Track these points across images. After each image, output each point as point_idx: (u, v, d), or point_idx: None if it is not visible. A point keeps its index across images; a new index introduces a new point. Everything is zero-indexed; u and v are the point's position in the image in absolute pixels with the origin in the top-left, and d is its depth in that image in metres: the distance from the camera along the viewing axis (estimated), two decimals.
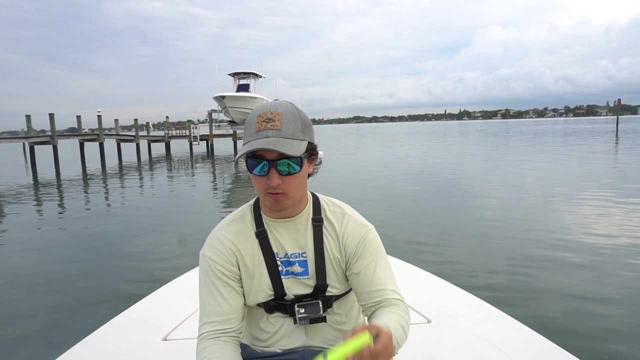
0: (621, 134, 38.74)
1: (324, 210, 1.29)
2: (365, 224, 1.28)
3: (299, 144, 1.10)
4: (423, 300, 2.25)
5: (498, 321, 2.06)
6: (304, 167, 1.15)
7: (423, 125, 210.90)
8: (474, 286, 4.45)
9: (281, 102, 1.16)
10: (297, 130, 1.12)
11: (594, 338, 3.54)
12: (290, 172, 1.12)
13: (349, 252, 1.25)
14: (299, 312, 1.23)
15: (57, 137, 24.26)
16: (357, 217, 1.30)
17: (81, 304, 4.66)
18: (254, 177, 1.15)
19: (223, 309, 1.19)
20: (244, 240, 1.24)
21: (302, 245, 1.25)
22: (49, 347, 3.51)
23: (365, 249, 1.24)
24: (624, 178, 12.50)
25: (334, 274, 1.26)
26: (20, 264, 6.26)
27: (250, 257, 1.24)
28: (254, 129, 1.10)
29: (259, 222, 1.26)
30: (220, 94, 32.34)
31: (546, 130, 61.20)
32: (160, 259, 6.17)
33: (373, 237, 1.27)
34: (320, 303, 1.25)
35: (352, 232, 1.26)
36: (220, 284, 1.21)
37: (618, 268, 5.09)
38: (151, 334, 2.02)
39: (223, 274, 1.21)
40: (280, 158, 1.10)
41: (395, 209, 9.13)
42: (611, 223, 7.20)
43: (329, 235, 1.26)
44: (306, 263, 1.25)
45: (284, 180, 1.12)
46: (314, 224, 1.26)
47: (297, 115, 1.13)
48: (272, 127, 1.09)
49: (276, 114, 1.10)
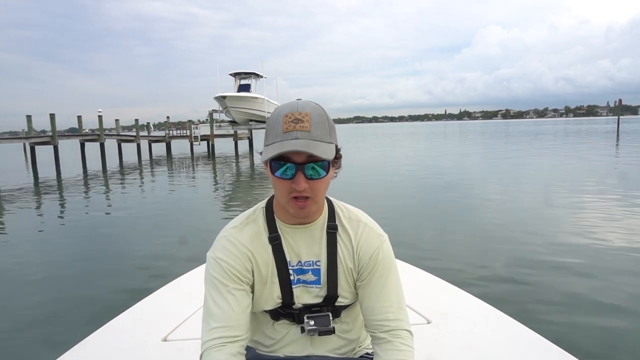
0: (622, 135, 38.70)
1: (339, 216, 1.24)
2: (381, 234, 1.24)
3: (328, 146, 1.05)
4: (423, 300, 2.24)
5: (498, 322, 2.06)
6: (330, 171, 1.09)
7: (424, 125, 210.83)
8: (474, 286, 4.45)
9: (307, 102, 1.09)
10: (326, 133, 1.06)
11: (594, 338, 3.54)
12: (317, 177, 1.07)
13: (362, 263, 1.20)
14: (308, 324, 1.18)
15: (57, 138, 24.21)
16: (372, 225, 1.25)
17: (81, 304, 4.66)
18: (277, 180, 1.07)
19: (232, 313, 1.11)
20: (259, 247, 1.18)
21: (317, 253, 1.20)
22: (49, 347, 3.51)
23: (377, 262, 1.20)
24: (626, 179, 12.48)
25: (345, 284, 1.22)
26: (21, 264, 6.26)
27: (265, 263, 1.18)
28: (281, 130, 1.03)
29: (272, 227, 1.20)
30: (221, 94, 32.23)
31: (547, 131, 61.20)
32: (160, 259, 6.17)
33: (387, 249, 1.22)
34: (330, 315, 1.20)
35: (366, 242, 1.21)
36: (231, 288, 1.13)
37: (619, 269, 5.09)
38: (151, 335, 2.02)
39: (237, 277, 1.14)
40: (309, 161, 1.04)
41: (395, 209, 9.12)
42: (613, 224, 7.20)
43: (342, 244, 1.21)
44: (319, 272, 1.20)
45: (310, 185, 1.07)
46: (329, 232, 1.21)
47: (324, 117, 1.07)
48: (301, 129, 1.02)
49: (304, 114, 1.04)
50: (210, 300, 1.13)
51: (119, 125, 34.35)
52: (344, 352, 1.29)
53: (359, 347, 1.33)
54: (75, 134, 29.45)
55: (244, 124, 33.36)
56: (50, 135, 24.17)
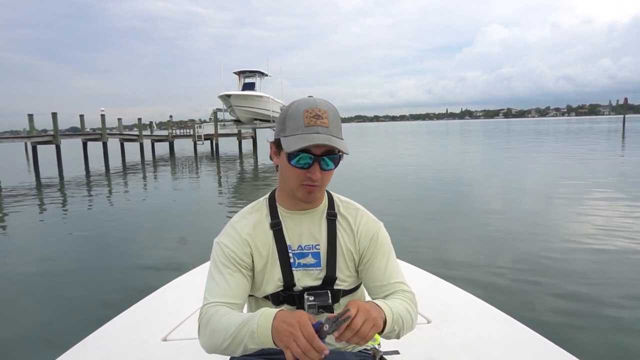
0: (627, 133, 38.42)
1: (338, 206, 1.34)
2: (377, 221, 1.35)
3: (343, 142, 1.17)
4: (423, 300, 2.22)
5: (498, 321, 2.05)
6: (338, 164, 1.22)
7: (425, 124, 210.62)
8: (474, 286, 4.43)
9: (322, 100, 1.20)
10: (339, 130, 1.19)
11: (594, 338, 3.53)
12: (329, 168, 1.19)
13: (362, 246, 1.30)
14: (308, 300, 1.24)
15: (59, 137, 23.96)
16: (369, 213, 1.36)
17: (81, 304, 4.68)
18: (292, 168, 1.18)
19: (230, 291, 1.20)
20: (260, 233, 1.28)
21: (317, 237, 1.29)
22: (49, 347, 3.51)
23: (378, 244, 1.30)
24: (631, 177, 12.42)
25: (344, 267, 1.29)
26: (22, 264, 6.29)
27: (265, 248, 1.27)
28: (302, 124, 1.14)
29: (274, 214, 1.30)
30: (225, 93, 31.41)
31: (550, 130, 61.04)
32: (161, 259, 6.18)
33: (385, 233, 1.34)
34: (329, 292, 1.26)
35: (365, 227, 1.31)
36: (230, 269, 1.23)
37: (620, 269, 5.08)
38: (151, 334, 2.02)
39: (235, 260, 1.23)
40: (325, 154, 1.16)
41: (395, 209, 9.12)
42: (615, 224, 7.17)
43: (342, 229, 1.31)
44: (319, 255, 1.28)
45: (322, 175, 1.19)
46: (329, 218, 1.31)
47: (338, 115, 1.20)
48: (322, 125, 1.14)
49: (323, 111, 1.16)
50: (211, 279, 1.24)
51: (121, 124, 34.14)
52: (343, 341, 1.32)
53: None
54: (77, 133, 29.32)
55: (248, 123, 32.79)
56: (52, 134, 23.89)
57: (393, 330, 1.14)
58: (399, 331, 1.17)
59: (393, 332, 1.15)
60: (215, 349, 1.14)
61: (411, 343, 1.83)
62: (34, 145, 23.90)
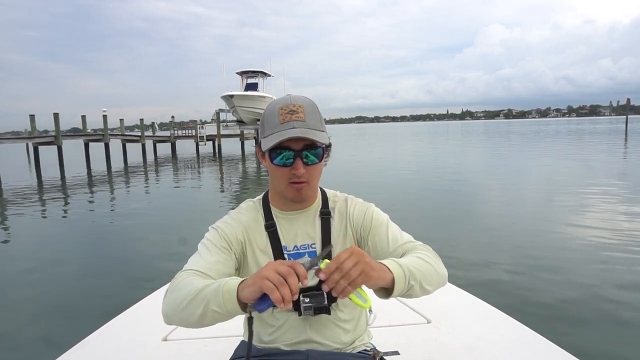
0: (630, 134, 38.30)
1: (330, 201, 1.35)
2: (367, 203, 1.36)
3: (322, 134, 1.16)
4: (423, 300, 2.23)
5: (498, 321, 2.05)
6: (323, 158, 1.20)
7: (426, 125, 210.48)
8: (474, 286, 4.42)
9: (298, 95, 1.20)
10: (318, 122, 1.17)
11: (594, 338, 3.53)
12: (313, 162, 1.18)
13: (356, 226, 1.31)
14: (303, 302, 1.23)
15: (61, 138, 23.90)
16: (358, 199, 1.37)
17: (82, 304, 4.68)
18: (277, 167, 1.18)
19: (211, 265, 1.17)
20: (256, 230, 1.28)
21: (312, 235, 1.29)
22: (49, 347, 3.52)
23: (372, 220, 1.30)
24: (634, 179, 12.39)
25: None
26: (22, 265, 6.29)
27: (260, 248, 1.27)
28: (278, 121, 1.14)
29: (268, 215, 1.30)
30: (228, 93, 31.30)
31: (551, 130, 60.92)
32: (161, 259, 6.20)
33: (376, 209, 1.34)
34: (325, 294, 1.23)
35: (357, 209, 1.32)
36: (219, 248, 1.21)
37: (620, 269, 5.07)
38: (151, 334, 2.02)
39: (226, 242, 1.23)
40: (305, 149, 1.15)
41: (395, 209, 9.12)
42: (616, 225, 7.16)
43: (336, 223, 1.31)
44: (315, 254, 1.27)
45: (307, 170, 1.17)
46: (322, 217, 1.31)
47: (315, 108, 1.19)
48: (297, 119, 1.13)
49: (298, 106, 1.15)
50: (196, 254, 1.22)
51: (123, 125, 34.00)
52: (342, 341, 1.31)
53: (359, 342, 1.36)
54: (79, 134, 29.22)
55: (251, 124, 32.48)
56: (54, 135, 23.83)
57: (411, 285, 1.09)
58: (420, 284, 1.11)
59: (412, 287, 1.09)
60: (173, 310, 1.08)
61: (411, 343, 1.83)
62: (36, 146, 23.79)
